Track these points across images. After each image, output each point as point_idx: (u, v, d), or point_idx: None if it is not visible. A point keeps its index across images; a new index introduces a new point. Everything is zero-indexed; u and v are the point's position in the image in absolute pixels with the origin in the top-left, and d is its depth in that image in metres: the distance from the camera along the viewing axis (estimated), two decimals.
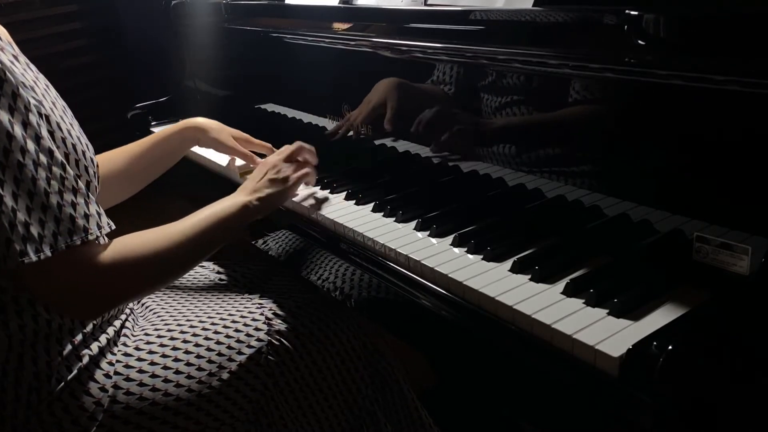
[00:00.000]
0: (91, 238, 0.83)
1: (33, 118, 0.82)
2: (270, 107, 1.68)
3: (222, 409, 1.00)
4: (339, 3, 1.36)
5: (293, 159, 1.17)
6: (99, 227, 0.85)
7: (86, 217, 0.84)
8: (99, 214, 0.86)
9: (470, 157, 1.12)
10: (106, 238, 0.88)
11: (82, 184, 0.85)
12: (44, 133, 0.83)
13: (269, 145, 1.37)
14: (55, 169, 0.82)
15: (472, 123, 1.11)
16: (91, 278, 0.85)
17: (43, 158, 0.81)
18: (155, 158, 1.31)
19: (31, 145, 0.80)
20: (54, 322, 0.90)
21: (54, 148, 0.83)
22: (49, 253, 0.80)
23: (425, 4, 1.17)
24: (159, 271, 0.93)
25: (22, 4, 2.11)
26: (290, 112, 1.60)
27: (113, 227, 0.88)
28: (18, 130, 0.79)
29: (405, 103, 1.23)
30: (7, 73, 0.80)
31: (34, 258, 0.79)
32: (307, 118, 1.53)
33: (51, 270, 0.82)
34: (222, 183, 1.46)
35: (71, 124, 0.91)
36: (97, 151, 0.97)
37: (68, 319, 0.92)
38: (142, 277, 0.91)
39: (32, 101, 0.82)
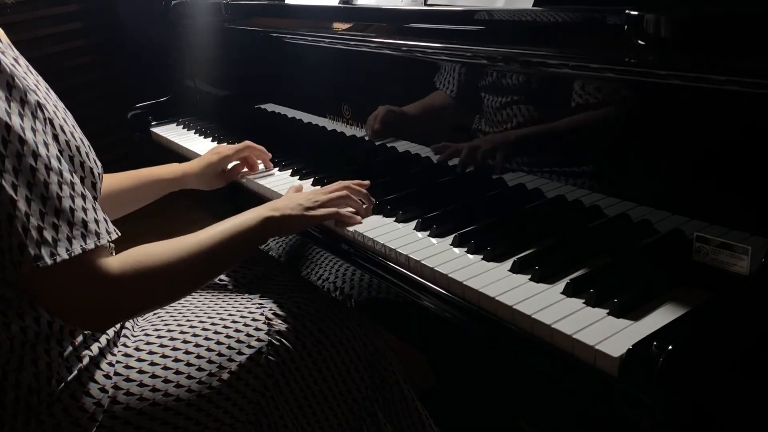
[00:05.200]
0: (103, 242, 0.83)
1: (39, 125, 0.82)
2: (270, 107, 1.68)
3: (222, 409, 1.00)
4: (339, 3, 1.36)
5: (337, 193, 1.12)
6: (108, 233, 0.85)
7: (96, 222, 0.84)
8: (106, 220, 0.86)
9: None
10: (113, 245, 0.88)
11: (88, 191, 0.85)
12: (50, 138, 0.83)
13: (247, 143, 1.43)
14: (65, 174, 0.82)
15: (472, 123, 1.10)
16: (102, 289, 0.84)
17: (54, 163, 0.81)
18: (140, 196, 1.32)
19: (42, 150, 0.80)
20: (55, 324, 0.90)
21: (60, 152, 0.83)
22: (66, 256, 0.79)
23: (425, 4, 1.17)
24: (171, 285, 0.92)
25: (22, 4, 2.11)
26: (290, 112, 1.60)
27: (119, 234, 0.87)
28: (29, 135, 0.79)
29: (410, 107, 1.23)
30: (16, 79, 0.80)
31: (49, 262, 0.78)
32: (307, 118, 1.53)
33: (63, 276, 0.81)
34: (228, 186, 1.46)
35: (74, 126, 0.91)
36: (96, 152, 0.97)
37: None
38: (153, 291, 0.90)
39: (36, 105, 0.82)
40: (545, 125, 1.00)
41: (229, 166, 1.42)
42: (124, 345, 1.00)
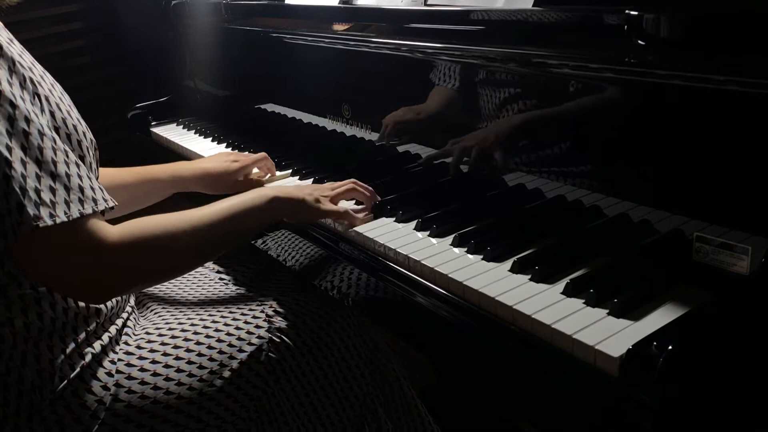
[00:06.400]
0: (101, 208, 0.83)
1: (27, 95, 0.81)
2: (270, 107, 1.68)
3: (223, 406, 1.00)
4: (339, 3, 1.37)
5: (345, 187, 1.13)
6: (105, 200, 0.84)
7: (93, 189, 0.83)
8: (102, 189, 0.85)
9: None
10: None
11: (84, 163, 0.85)
12: (40, 111, 0.82)
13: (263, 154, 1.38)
14: (59, 142, 0.82)
15: (472, 123, 1.10)
16: (100, 258, 0.83)
17: (47, 131, 0.81)
18: (144, 193, 1.27)
19: (34, 117, 0.80)
20: (58, 321, 0.90)
21: (56, 129, 0.83)
22: (64, 218, 0.78)
23: (425, 4, 1.17)
24: (171, 258, 0.92)
25: (22, 4, 2.11)
26: (290, 112, 1.60)
27: (116, 204, 0.86)
28: (20, 102, 0.79)
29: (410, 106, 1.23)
30: (4, 48, 0.80)
31: (49, 222, 0.77)
32: (307, 118, 1.53)
33: (61, 242, 0.80)
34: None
35: (70, 106, 0.91)
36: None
37: (72, 317, 0.92)
38: (152, 263, 0.89)
39: (29, 80, 0.83)
40: (545, 125, 1.00)
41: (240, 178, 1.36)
42: (126, 343, 1.00)
